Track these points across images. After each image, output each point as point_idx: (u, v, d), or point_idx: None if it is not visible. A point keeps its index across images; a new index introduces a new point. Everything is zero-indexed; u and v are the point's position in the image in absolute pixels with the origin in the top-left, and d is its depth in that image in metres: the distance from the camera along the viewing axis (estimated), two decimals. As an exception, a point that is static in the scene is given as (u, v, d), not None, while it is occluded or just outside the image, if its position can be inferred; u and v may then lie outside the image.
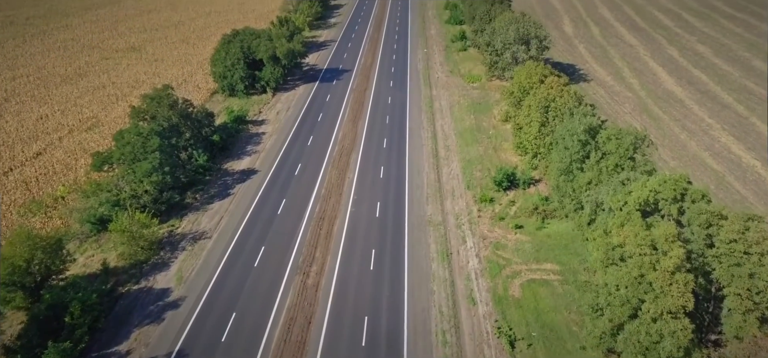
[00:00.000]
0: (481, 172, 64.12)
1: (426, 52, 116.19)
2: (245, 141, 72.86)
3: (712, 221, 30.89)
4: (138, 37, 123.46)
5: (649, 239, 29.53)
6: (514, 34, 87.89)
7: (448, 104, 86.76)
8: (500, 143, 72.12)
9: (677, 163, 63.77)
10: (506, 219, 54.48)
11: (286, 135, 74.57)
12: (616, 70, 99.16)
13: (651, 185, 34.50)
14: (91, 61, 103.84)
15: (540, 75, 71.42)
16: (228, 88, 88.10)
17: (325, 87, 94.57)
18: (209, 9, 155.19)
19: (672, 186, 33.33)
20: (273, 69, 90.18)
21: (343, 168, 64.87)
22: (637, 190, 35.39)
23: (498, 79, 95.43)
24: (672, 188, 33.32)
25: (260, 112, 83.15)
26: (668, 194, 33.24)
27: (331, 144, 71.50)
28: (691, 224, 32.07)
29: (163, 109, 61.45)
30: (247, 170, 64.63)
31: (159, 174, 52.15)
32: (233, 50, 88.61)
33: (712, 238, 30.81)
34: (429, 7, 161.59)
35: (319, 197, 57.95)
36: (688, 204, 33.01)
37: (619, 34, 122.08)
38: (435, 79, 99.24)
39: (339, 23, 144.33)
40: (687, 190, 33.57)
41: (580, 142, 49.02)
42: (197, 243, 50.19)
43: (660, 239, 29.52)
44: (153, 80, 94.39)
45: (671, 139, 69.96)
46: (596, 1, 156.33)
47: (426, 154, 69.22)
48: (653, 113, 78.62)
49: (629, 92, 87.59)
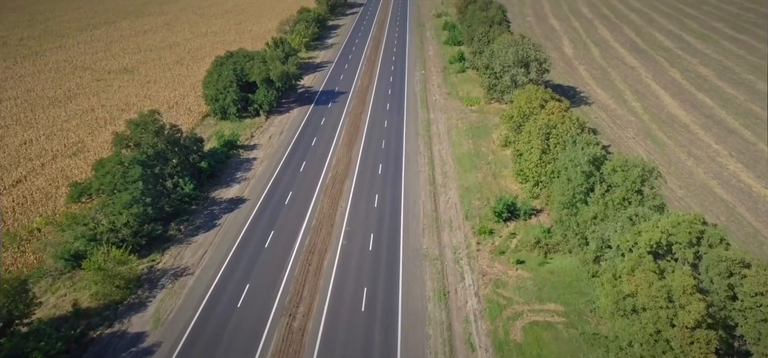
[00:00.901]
0: (480, 201, 61.37)
1: (423, 74, 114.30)
2: (235, 167, 70.22)
3: (734, 269, 28.07)
4: (132, 58, 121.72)
5: (664, 290, 26.67)
6: (514, 56, 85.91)
7: (445, 128, 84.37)
8: (500, 170, 69.50)
9: (685, 193, 61.07)
10: (507, 253, 51.58)
11: (277, 161, 71.98)
12: (617, 92, 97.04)
13: (663, 225, 31.73)
14: (82, 83, 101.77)
15: (540, 100, 69.21)
16: (220, 111, 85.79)
17: (321, 110, 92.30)
18: (205, 29, 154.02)
19: (687, 229, 30.57)
20: (266, 92, 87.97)
21: (336, 196, 62.12)
22: (649, 230, 32.60)
23: (497, 102, 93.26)
24: (687, 231, 30.56)
25: (252, 137, 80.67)
26: (683, 238, 30.46)
27: (325, 170, 68.87)
28: (710, 271, 29.23)
29: (148, 136, 58.88)
30: (236, 199, 61.87)
31: (140, 206, 49.39)
32: (226, 72, 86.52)
33: (734, 289, 27.95)
34: (427, 28, 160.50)
35: (309, 229, 55.08)
36: (705, 249, 30.20)
37: (619, 56, 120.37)
38: (432, 101, 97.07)
39: (336, 44, 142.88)
40: (703, 233, 30.76)
41: (583, 174, 46.39)
42: (178, 280, 47.19)
43: (677, 290, 26.67)
44: (144, 103, 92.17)
45: (677, 167, 67.34)
46: (596, 23, 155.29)
47: (422, 181, 66.55)
48: (657, 138, 76.15)
49: (632, 116, 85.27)
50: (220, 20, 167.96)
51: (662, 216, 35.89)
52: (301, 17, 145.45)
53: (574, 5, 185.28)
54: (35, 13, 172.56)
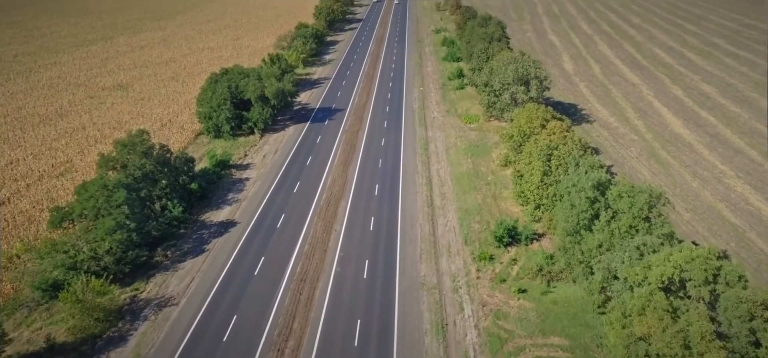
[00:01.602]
0: (480, 224, 59.19)
1: (422, 91, 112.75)
2: (227, 188, 68.10)
3: (756, 312, 25.88)
4: (127, 74, 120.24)
5: (680, 336, 24.42)
6: (513, 74, 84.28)
7: (444, 147, 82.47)
8: (500, 191, 67.41)
9: (692, 216, 58.93)
10: (508, 281, 49.27)
11: (271, 181, 69.89)
12: (619, 110, 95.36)
13: (676, 260, 29.57)
14: (75, 100, 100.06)
15: (541, 119, 67.42)
16: (213, 129, 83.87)
17: (317, 128, 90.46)
18: (203, 45, 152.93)
19: (702, 265, 28.41)
20: (261, 109, 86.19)
21: (330, 219, 59.92)
22: (659, 265, 30.43)
23: (496, 119, 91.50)
24: (702, 267, 28.39)
25: (246, 156, 78.66)
26: (698, 275, 28.29)
27: (319, 191, 66.75)
28: (729, 312, 27.02)
29: (136, 157, 56.88)
30: (226, 222, 59.65)
31: (124, 232, 47.18)
32: (220, 90, 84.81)
33: (756, 334, 25.74)
34: (426, 44, 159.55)
35: (301, 255, 52.80)
36: (723, 287, 28.00)
37: (620, 72, 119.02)
38: (431, 119, 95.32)
39: (334, 60, 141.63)
40: (720, 269, 28.59)
41: (588, 200, 44.30)
42: (162, 311, 44.80)
43: (694, 336, 24.43)
44: (136, 120, 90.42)
45: (683, 188, 65.29)
46: (595, 38, 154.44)
47: (420, 202, 64.42)
48: (661, 158, 74.21)
49: (634, 135, 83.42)
50: (218, 36, 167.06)
51: (673, 248, 33.71)
52: (299, 33, 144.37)
53: (574, 21, 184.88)
54: (32, 28, 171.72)
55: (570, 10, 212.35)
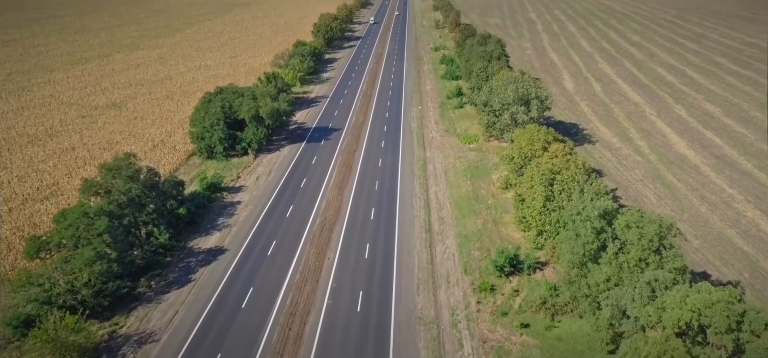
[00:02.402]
0: (480, 252, 56.66)
1: (420, 110, 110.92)
2: (217, 212, 65.62)
3: (787, 367, 23.37)
4: (121, 92, 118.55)
5: (705, 396, 21.84)
6: (513, 94, 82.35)
7: (442, 168, 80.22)
8: (500, 215, 64.96)
9: (701, 243, 56.39)
10: (510, 314, 46.60)
11: (263, 205, 67.47)
12: (621, 130, 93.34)
13: (693, 303, 27.09)
14: (66, 120, 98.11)
15: (543, 141, 65.26)
16: (206, 150, 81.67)
17: (312, 148, 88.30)
18: (199, 63, 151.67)
19: (723, 310, 25.94)
20: (256, 130, 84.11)
21: (324, 246, 57.37)
22: (675, 307, 27.94)
23: (496, 139, 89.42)
24: (724, 313, 25.92)
25: (238, 178, 76.34)
26: (720, 322, 25.81)
27: (313, 216, 64.28)
28: (755, 365, 24.49)
29: (121, 182, 54.55)
30: (215, 249, 57.08)
31: (104, 263, 44.63)
32: (213, 109, 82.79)
33: (788, 392, 23.21)
34: (425, 62, 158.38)
35: (291, 285, 50.16)
36: (748, 336, 25.48)
37: (621, 91, 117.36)
38: (429, 139, 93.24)
39: (332, 78, 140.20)
40: (744, 315, 26.08)
41: (594, 230, 41.84)
42: (141, 349, 42.05)
43: (720, 395, 21.85)
44: (128, 141, 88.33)
45: (691, 213, 62.86)
46: (596, 56, 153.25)
47: (418, 228, 61.93)
48: (667, 181, 71.89)
49: (638, 156, 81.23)
50: (216, 53, 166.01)
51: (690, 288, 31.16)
52: (297, 51, 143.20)
53: (574, 39, 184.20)
54: (28, 47, 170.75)
55: (570, 28, 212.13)
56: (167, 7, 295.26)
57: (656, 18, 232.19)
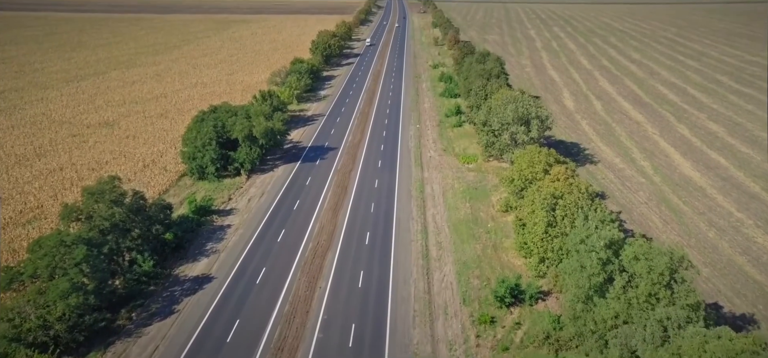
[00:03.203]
0: (479, 280, 54.09)
1: (418, 128, 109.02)
2: (206, 237, 63.12)
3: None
4: (115, 110, 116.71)
5: None
6: (513, 113, 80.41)
7: (440, 189, 77.91)
8: (500, 240, 62.50)
9: (711, 272, 53.84)
10: (511, 349, 43.91)
11: (254, 229, 65.01)
12: (624, 150, 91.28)
13: (713, 351, 24.57)
14: (56, 139, 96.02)
15: (544, 164, 63.11)
16: (197, 170, 79.38)
17: (307, 168, 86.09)
18: (196, 80, 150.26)
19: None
20: (249, 150, 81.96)
21: (315, 274, 54.79)
22: (693, 356, 25.32)
23: (496, 159, 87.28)
24: (748, 364, 23.34)
25: (230, 199, 73.96)
26: (745, 376, 23.25)
27: (305, 240, 61.79)
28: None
29: (103, 206, 52.17)
30: (201, 277, 54.49)
31: (80, 295, 42.05)
32: (205, 129, 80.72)
33: None
34: (423, 80, 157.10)
35: (280, 317, 47.50)
36: (776, 391, 22.93)
37: (622, 110, 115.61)
38: (427, 158, 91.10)
39: (329, 96, 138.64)
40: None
41: (599, 261, 39.39)
42: (117, 388, 39.34)
43: None
44: (118, 160, 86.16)
45: (698, 239, 60.38)
46: (596, 74, 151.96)
47: (415, 254, 59.40)
48: (672, 204, 69.54)
49: (642, 177, 79.00)
50: (212, 70, 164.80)
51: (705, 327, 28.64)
52: (294, 68, 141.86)
53: (573, 57, 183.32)
54: (24, 64, 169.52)
55: (569, 45, 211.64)
56: (166, 25, 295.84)
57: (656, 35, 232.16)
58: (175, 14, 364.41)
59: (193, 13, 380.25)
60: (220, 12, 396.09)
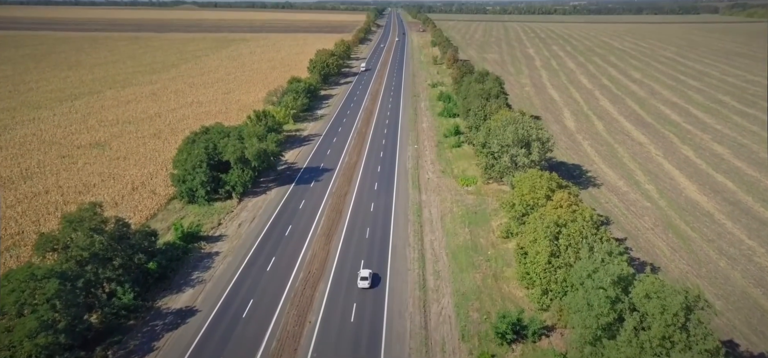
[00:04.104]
0: (479, 313, 51.12)
1: (416, 149, 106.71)
2: (193, 265, 60.20)
3: None
4: (107, 130, 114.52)
5: None
6: (513, 135, 78.05)
7: (439, 213, 75.20)
8: (501, 269, 59.60)
9: (724, 304, 50.87)
10: (513, 393, 40.82)
11: (243, 256, 62.13)
12: (627, 172, 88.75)
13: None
14: (45, 161, 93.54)
15: (546, 189, 60.52)
16: (187, 193, 76.75)
17: (301, 190, 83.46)
18: (192, 99, 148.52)
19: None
20: (241, 172, 79.47)
21: (305, 307, 51.79)
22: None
23: (496, 182, 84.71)
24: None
25: (219, 224, 71.16)
26: None
27: (296, 270, 58.87)
28: None
29: (82, 235, 49.42)
30: (185, 310, 51.47)
31: (49, 334, 39.07)
32: (196, 151, 78.31)
33: None
34: (422, 99, 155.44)
35: (266, 356, 44.39)
36: None
37: (625, 130, 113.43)
38: (425, 180, 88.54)
39: (327, 115, 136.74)
40: None
41: (608, 300, 36.53)
42: None
43: None
44: (106, 183, 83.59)
45: (709, 269, 57.47)
46: (596, 93, 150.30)
47: (411, 284, 56.45)
48: (680, 230, 66.75)
49: (647, 201, 76.34)
50: (209, 89, 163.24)
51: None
52: (291, 88, 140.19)
53: (573, 76, 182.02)
54: (19, 83, 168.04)
55: (569, 64, 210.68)
56: (165, 43, 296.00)
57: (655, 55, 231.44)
58: (174, 33, 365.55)
59: (192, 31, 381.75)
60: (219, 30, 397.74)
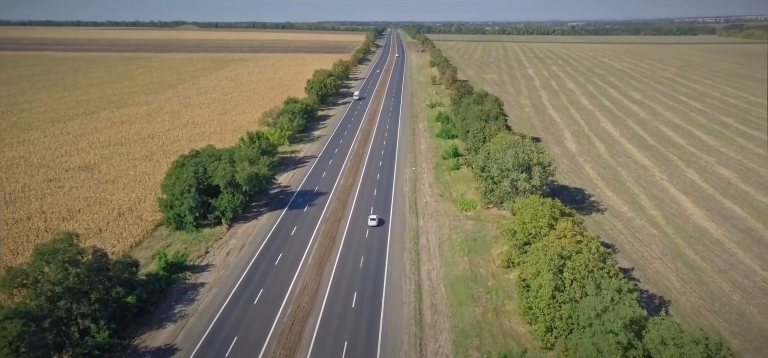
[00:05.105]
0: (479, 352, 47.87)
1: (414, 171, 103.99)
2: (176, 298, 56.90)
3: None
4: (98, 152, 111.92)
5: None
6: (513, 159, 75.36)
7: (436, 240, 72.11)
8: (502, 302, 56.30)
9: (741, 343, 47.53)
10: None
11: (229, 288, 58.87)
12: (631, 196, 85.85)
13: None
14: (31, 184, 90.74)
15: (548, 217, 57.58)
16: (174, 220, 73.69)
17: (294, 216, 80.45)
18: (187, 120, 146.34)
19: None
20: (231, 197, 76.57)
21: (293, 345, 48.39)
22: None
23: (495, 206, 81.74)
24: None
25: (207, 253, 68.00)
26: None
27: (284, 303, 55.56)
28: None
29: (55, 268, 46.29)
30: (164, 349, 48.08)
31: (8, 380, 35.77)
32: (185, 175, 75.53)
33: None
34: (420, 119, 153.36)
35: (248, 402, 41.02)
36: None
37: (627, 152, 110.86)
38: (422, 204, 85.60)
39: (323, 136, 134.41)
40: None
41: (619, 346, 33.32)
42: None
43: None
44: (92, 208, 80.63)
45: (722, 303, 54.20)
46: (597, 114, 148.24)
47: (406, 319, 53.12)
48: (689, 260, 63.60)
49: (653, 228, 73.29)
50: (205, 110, 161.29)
51: None
52: (287, 108, 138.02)
53: (573, 96, 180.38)
54: (12, 104, 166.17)
55: (568, 84, 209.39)
56: (163, 63, 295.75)
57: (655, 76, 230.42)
58: (173, 53, 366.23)
59: (192, 51, 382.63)
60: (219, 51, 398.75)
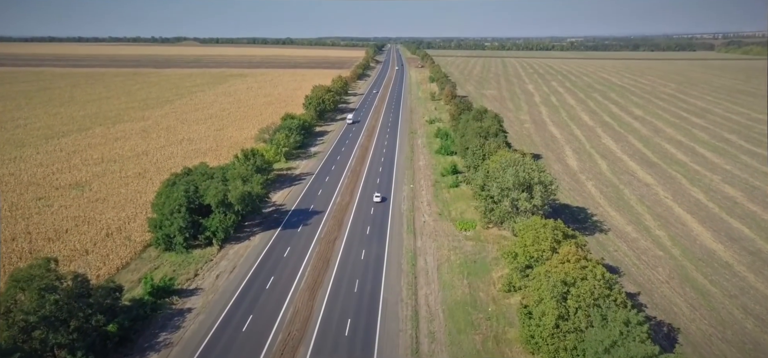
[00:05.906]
0: (478, 385, 45.00)
1: (412, 189, 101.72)
2: (161, 325, 54.22)
3: None
4: (90, 170, 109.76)
5: None
6: (513, 178, 73.16)
7: (435, 262, 69.58)
8: (503, 329, 53.65)
9: (757, 376, 44.81)
10: None
11: (217, 314, 56.21)
12: (635, 216, 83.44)
13: None
14: (19, 203, 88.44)
15: (551, 240, 55.16)
16: (163, 240, 71.21)
17: (287, 236, 77.97)
18: (182, 136, 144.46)
19: None
20: (223, 217, 74.20)
21: (282, 377, 45.71)
22: None
23: (496, 226, 79.32)
24: None
25: (196, 276, 65.44)
26: None
27: (274, 331, 52.88)
28: None
29: (31, 296, 43.80)
30: (145, 381, 45.44)
31: (-30, 421, 33.10)
32: (176, 194, 73.23)
33: None
34: (419, 136, 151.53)
35: None
36: None
37: (630, 170, 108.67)
38: (420, 224, 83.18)
39: (320, 152, 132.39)
40: None
41: (631, 386, 30.71)
42: None
43: None
44: (80, 228, 78.23)
45: (735, 331, 51.54)
46: (598, 131, 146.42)
47: (402, 348, 50.45)
48: (698, 284, 61.00)
49: (659, 249, 70.78)
50: (201, 126, 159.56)
51: None
52: (284, 124, 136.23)
53: (573, 112, 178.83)
54: (7, 120, 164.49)
55: (569, 100, 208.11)
56: (162, 79, 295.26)
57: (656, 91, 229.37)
58: (173, 68, 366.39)
59: (192, 67, 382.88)
60: (218, 66, 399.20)
